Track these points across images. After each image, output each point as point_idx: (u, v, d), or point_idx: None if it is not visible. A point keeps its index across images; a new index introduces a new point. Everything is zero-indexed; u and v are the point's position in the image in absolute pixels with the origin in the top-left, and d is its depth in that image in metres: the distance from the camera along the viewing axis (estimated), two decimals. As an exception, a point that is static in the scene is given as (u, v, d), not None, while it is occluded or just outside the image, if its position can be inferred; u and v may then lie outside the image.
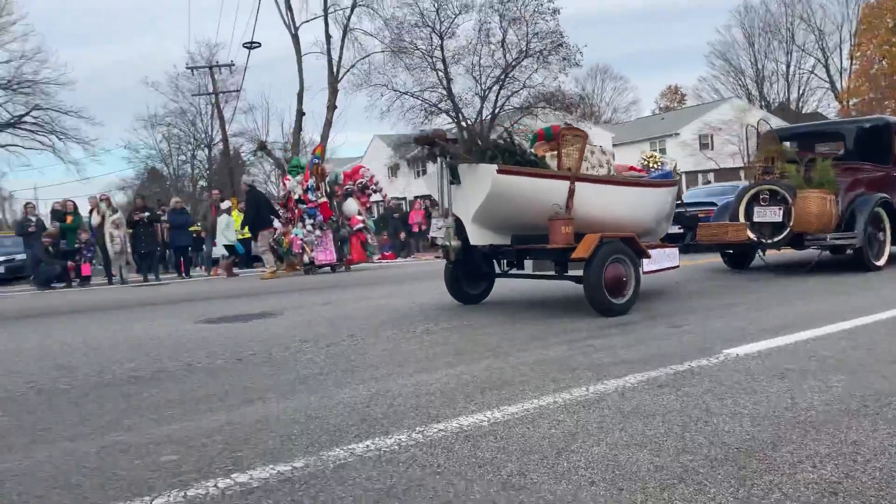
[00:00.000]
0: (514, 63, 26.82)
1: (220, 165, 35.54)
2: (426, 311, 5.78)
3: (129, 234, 13.76)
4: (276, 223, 12.80)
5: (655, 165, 6.46)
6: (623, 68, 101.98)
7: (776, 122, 22.33)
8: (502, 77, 27.01)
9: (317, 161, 13.01)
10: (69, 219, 13.86)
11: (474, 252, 5.55)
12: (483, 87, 27.31)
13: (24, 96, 30.45)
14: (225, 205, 15.46)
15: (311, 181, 12.63)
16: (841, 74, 45.63)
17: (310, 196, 12.60)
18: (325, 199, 12.72)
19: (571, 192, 5.07)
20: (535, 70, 26.95)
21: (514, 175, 4.94)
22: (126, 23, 78.99)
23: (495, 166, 4.88)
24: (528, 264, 5.77)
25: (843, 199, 7.44)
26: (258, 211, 12.78)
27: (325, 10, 26.41)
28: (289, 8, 26.34)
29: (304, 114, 26.82)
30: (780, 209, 7.31)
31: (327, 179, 13.08)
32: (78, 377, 3.67)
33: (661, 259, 5.64)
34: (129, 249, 13.73)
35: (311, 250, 12.57)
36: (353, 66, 26.86)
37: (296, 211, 12.69)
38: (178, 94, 37.76)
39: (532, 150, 5.53)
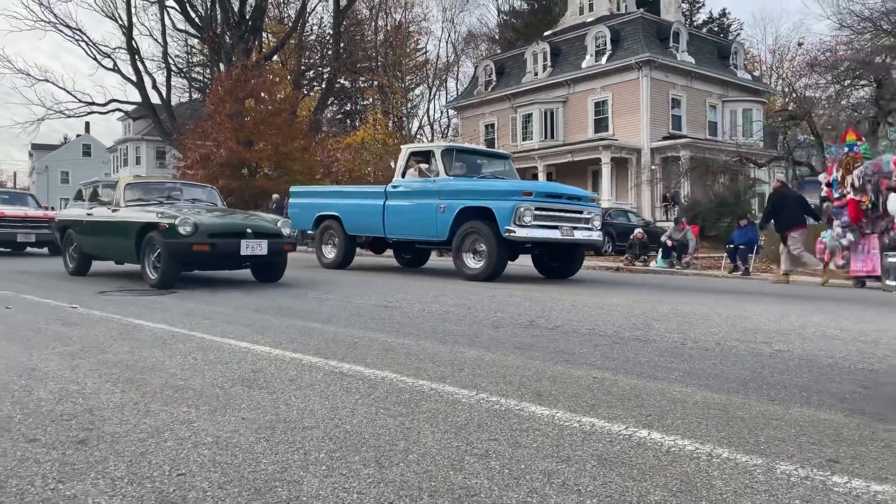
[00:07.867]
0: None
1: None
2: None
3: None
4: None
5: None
6: None
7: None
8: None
9: (851, 149, 10.72)
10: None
11: None
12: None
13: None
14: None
15: (836, 174, 10.78)
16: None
17: (833, 193, 10.81)
18: (851, 197, 10.42)
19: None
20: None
21: None
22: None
23: None
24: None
25: None
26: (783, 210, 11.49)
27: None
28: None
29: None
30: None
31: (866, 169, 10.25)
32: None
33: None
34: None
35: (839, 257, 10.56)
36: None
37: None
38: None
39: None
